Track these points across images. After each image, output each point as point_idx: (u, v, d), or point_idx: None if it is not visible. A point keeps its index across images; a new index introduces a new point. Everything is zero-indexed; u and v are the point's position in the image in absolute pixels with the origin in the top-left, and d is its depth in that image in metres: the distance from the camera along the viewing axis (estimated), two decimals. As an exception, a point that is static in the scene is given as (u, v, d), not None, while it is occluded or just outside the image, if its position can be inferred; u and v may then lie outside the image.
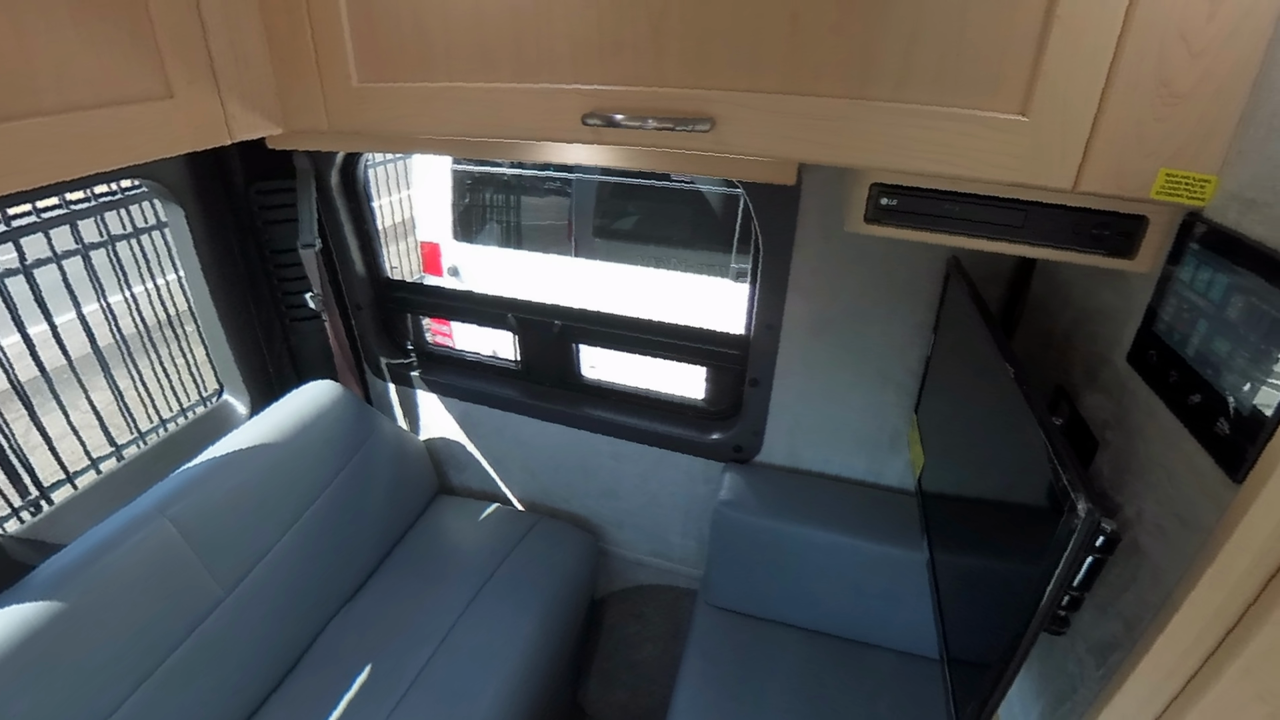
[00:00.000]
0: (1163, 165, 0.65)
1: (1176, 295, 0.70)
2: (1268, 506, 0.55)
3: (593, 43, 0.77)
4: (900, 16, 0.65)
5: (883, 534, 1.44)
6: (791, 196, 1.29)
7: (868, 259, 1.32)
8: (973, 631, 0.87)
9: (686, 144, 0.80)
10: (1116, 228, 0.73)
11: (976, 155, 0.70)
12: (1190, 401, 0.66)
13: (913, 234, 0.83)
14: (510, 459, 1.95)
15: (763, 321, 1.47)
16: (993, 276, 1.24)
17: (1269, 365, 0.56)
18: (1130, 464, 0.76)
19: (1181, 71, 0.61)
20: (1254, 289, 0.58)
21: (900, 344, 1.40)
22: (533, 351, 1.82)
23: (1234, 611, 0.61)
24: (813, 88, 0.72)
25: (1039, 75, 0.63)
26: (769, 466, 1.65)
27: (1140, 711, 0.70)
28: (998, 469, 0.89)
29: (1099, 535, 0.73)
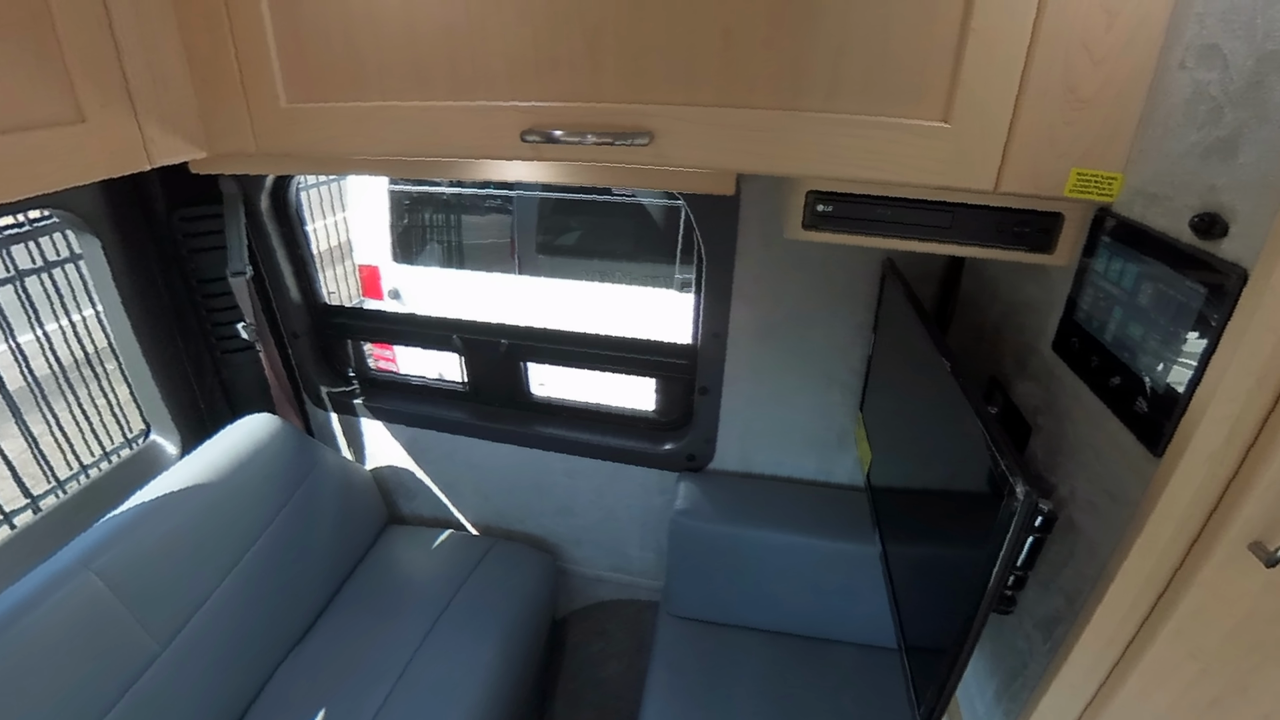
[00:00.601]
0: (1074, 165, 0.70)
1: (1093, 285, 0.75)
2: (1185, 477, 0.59)
3: (529, 60, 0.77)
4: (828, 30, 0.68)
5: (836, 531, 1.47)
6: (731, 206, 1.32)
7: (808, 264, 1.36)
8: (927, 618, 0.90)
9: (626, 158, 0.81)
10: (1036, 225, 0.78)
11: (904, 161, 0.73)
12: (1111, 384, 0.70)
13: (849, 238, 0.86)
14: (462, 483, 1.91)
15: (709, 330, 1.49)
16: (925, 276, 1.30)
17: (1178, 346, 0.60)
18: (1061, 446, 0.80)
19: (1086, 78, 0.66)
20: (1161, 276, 0.63)
21: (842, 345, 1.44)
22: (480, 372, 1.79)
23: (1163, 578, 0.65)
24: (748, 100, 0.74)
25: (958, 84, 0.67)
26: (723, 473, 1.67)
27: (1086, 680, 0.73)
28: (940, 459, 0.93)
29: (1037, 515, 0.77)
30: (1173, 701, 0.72)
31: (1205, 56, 0.59)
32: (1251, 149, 0.53)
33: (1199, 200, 0.58)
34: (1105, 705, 0.73)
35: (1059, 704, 0.76)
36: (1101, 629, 0.69)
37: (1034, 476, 0.83)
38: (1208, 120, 0.58)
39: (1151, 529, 0.62)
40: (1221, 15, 0.57)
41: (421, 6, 0.76)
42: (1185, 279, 0.59)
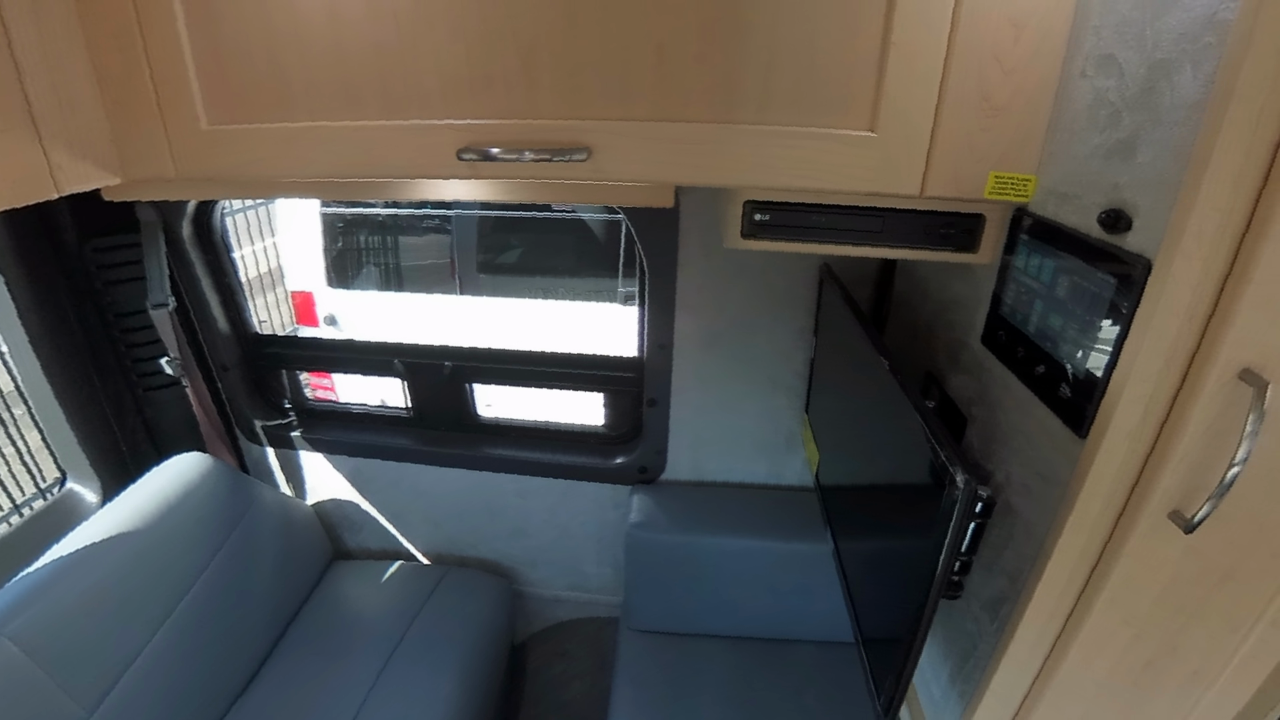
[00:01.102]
0: (991, 169, 0.75)
1: (1015, 281, 0.80)
2: (1108, 455, 0.63)
3: (462, 77, 0.77)
4: (757, 46, 0.70)
5: (790, 532, 1.50)
6: (671, 218, 1.34)
7: (748, 272, 1.39)
8: (881, 610, 0.93)
9: (565, 174, 0.81)
10: (960, 226, 0.82)
11: (835, 169, 0.76)
12: (1037, 372, 0.75)
13: (786, 245, 0.89)
14: (410, 511, 1.85)
15: (655, 342, 1.50)
16: (861, 279, 1.35)
17: (1094, 334, 0.65)
18: (995, 434, 0.84)
19: (998, 87, 0.71)
20: (1075, 269, 0.67)
21: (785, 349, 1.48)
22: (424, 396, 1.75)
23: (1094, 551, 0.69)
24: (683, 114, 0.76)
25: (882, 95, 0.71)
26: (675, 483, 1.68)
27: (1032, 655, 0.77)
28: (884, 455, 0.96)
29: (977, 502, 0.80)
30: (1111, 667, 0.76)
31: (1103, 65, 0.64)
32: (1148, 149, 0.58)
33: (1105, 198, 0.63)
34: (1051, 677, 0.77)
35: (1009, 680, 0.80)
36: (1043, 605, 0.73)
37: (972, 465, 0.87)
38: (1108, 124, 0.63)
39: (1081, 506, 0.66)
40: (1115, 27, 0.62)
41: (349, 25, 0.75)
42: (1097, 271, 0.64)
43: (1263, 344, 0.55)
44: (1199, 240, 0.53)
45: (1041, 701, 0.79)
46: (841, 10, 0.68)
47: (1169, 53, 0.55)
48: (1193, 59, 0.53)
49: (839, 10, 0.68)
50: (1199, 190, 0.51)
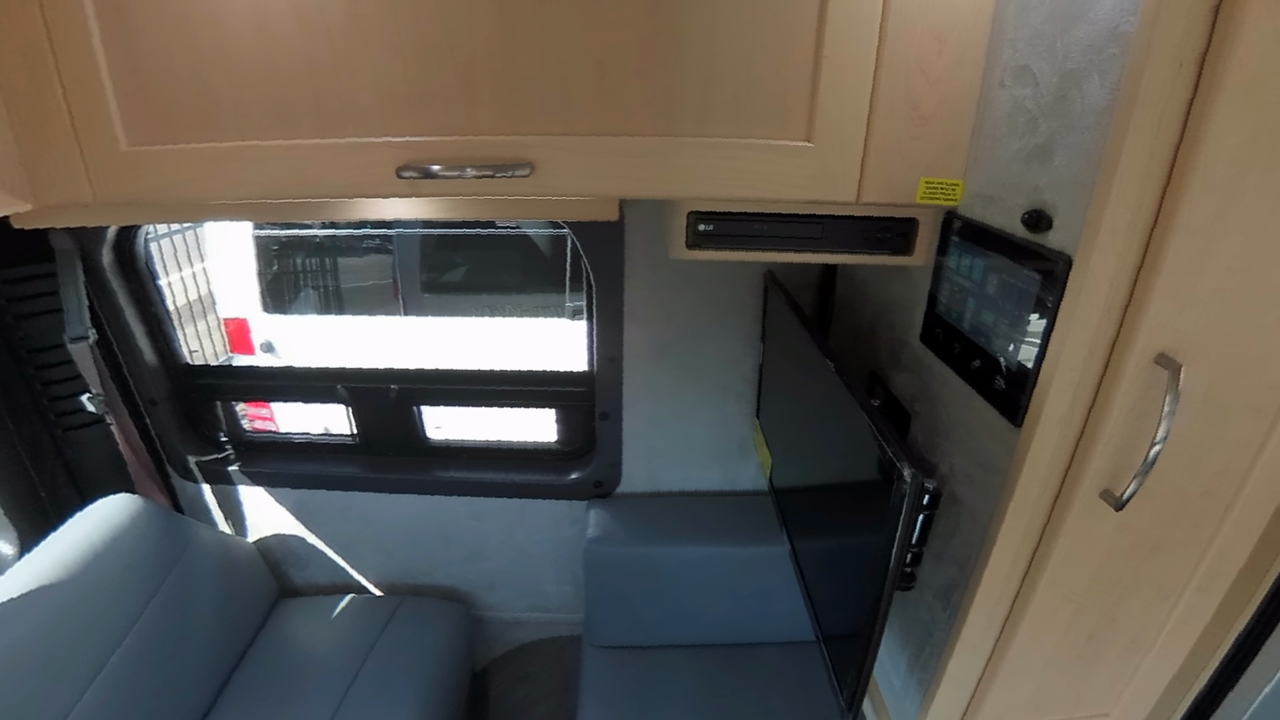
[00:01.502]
0: (922, 175, 0.78)
1: (949, 281, 0.83)
2: (1043, 442, 0.67)
3: (400, 94, 0.76)
4: (695, 60, 0.72)
5: (747, 537, 1.52)
6: (617, 231, 1.34)
7: (695, 282, 1.41)
8: (839, 607, 0.94)
9: (508, 190, 0.81)
10: (895, 230, 0.86)
11: (775, 179, 0.78)
12: (973, 367, 0.78)
13: (731, 254, 0.90)
14: (360, 542, 1.79)
15: (604, 355, 1.50)
16: (804, 284, 1.38)
17: (1024, 327, 0.68)
18: (938, 428, 0.88)
19: (925, 97, 0.74)
20: (1003, 268, 0.71)
21: (734, 357, 1.50)
22: (370, 421, 1.70)
23: (1035, 533, 0.72)
24: (625, 128, 0.77)
25: (817, 107, 0.74)
26: (631, 495, 1.68)
27: (983, 638, 0.80)
28: (834, 454, 0.98)
29: (925, 494, 0.84)
30: (1057, 643, 0.80)
31: (1020, 76, 0.68)
32: (1063, 153, 0.62)
33: (1027, 199, 0.67)
34: (1003, 658, 0.80)
35: (964, 664, 0.82)
36: (991, 589, 0.76)
37: (918, 459, 0.91)
38: (1026, 130, 0.67)
39: (1020, 492, 0.69)
40: (1029, 40, 0.66)
41: (280, 40, 0.73)
42: (1023, 269, 0.68)
43: (1175, 330, 0.60)
44: (1113, 236, 0.57)
45: (995, 682, 0.82)
46: (775, 25, 0.70)
47: (1078, 63, 0.59)
48: (1099, 69, 0.57)
49: (772, 25, 0.70)
50: (1110, 190, 0.55)
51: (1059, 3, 0.62)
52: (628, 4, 0.69)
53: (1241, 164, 0.53)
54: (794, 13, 0.70)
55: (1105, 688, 0.88)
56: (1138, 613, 0.79)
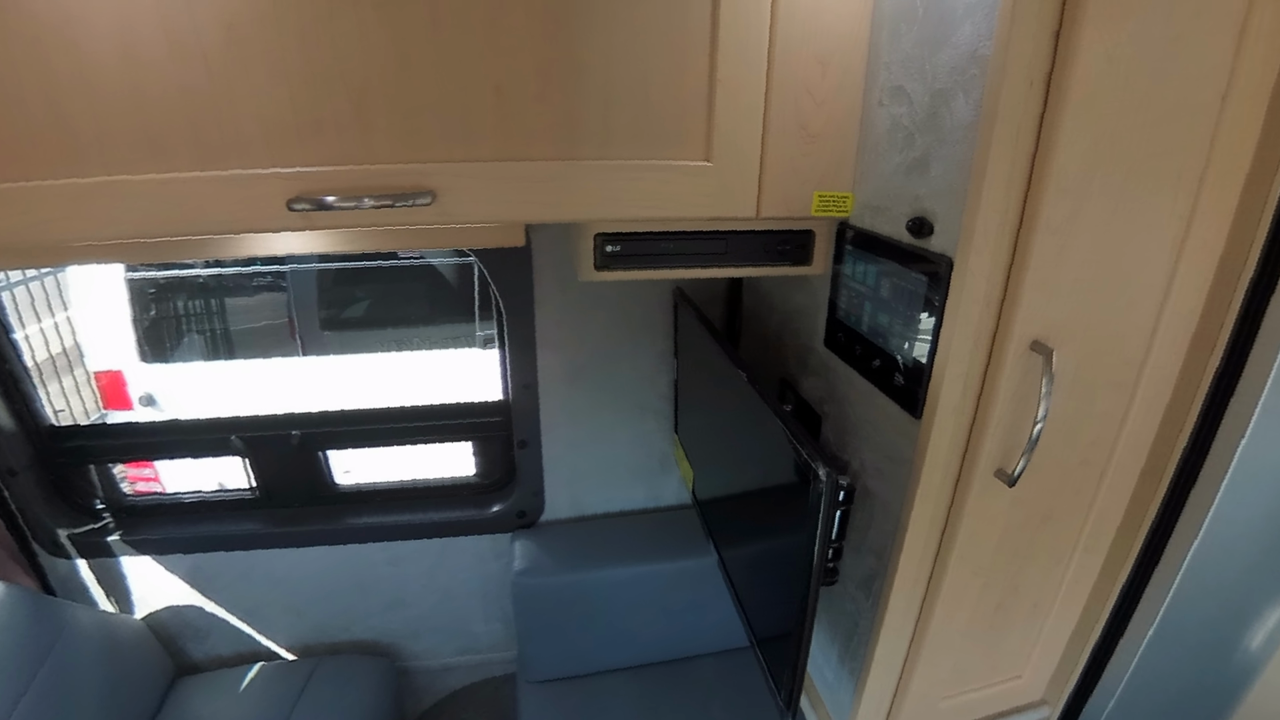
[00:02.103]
0: (815, 189, 0.83)
1: (846, 287, 0.89)
2: (940, 430, 0.72)
3: (288, 123, 0.72)
4: (594, 85, 0.73)
5: (675, 551, 1.53)
6: (524, 257, 1.34)
7: (605, 303, 1.42)
8: (770, 609, 0.97)
9: (409, 219, 0.78)
10: (794, 242, 0.90)
11: (678, 198, 0.81)
12: (874, 366, 0.83)
13: (640, 274, 0.92)
14: (267, 604, 1.65)
15: (519, 382, 1.48)
16: (712, 298, 1.42)
17: (916, 326, 0.74)
18: (846, 426, 0.92)
19: (813, 117, 0.79)
20: (893, 272, 0.77)
21: (649, 374, 1.52)
22: (271, 472, 1.58)
23: (941, 516, 0.77)
24: (527, 152, 0.77)
25: (714, 128, 0.77)
26: (556, 523, 1.65)
27: (905, 620, 0.84)
28: (752, 461, 1.01)
29: (840, 491, 0.88)
30: (970, 616, 0.85)
31: (895, 95, 0.74)
32: (938, 165, 0.67)
33: (909, 208, 0.73)
34: (924, 636, 0.85)
35: (889, 648, 0.86)
36: (907, 573, 0.80)
37: (831, 458, 0.95)
38: (904, 145, 0.73)
39: (925, 478, 0.74)
40: (902, 63, 0.72)
41: (149, 67, 0.67)
42: (911, 272, 0.73)
43: (1045, 319, 0.66)
44: (986, 238, 0.63)
45: (919, 660, 0.87)
46: (669, 51, 0.73)
47: (945, 83, 0.65)
48: (964, 88, 0.63)
49: (667, 50, 0.73)
50: (981, 196, 0.61)
51: (925, 29, 0.68)
52: (524, 30, 0.69)
53: (1087, 168, 0.61)
54: (687, 38, 0.73)
55: (1016, 652, 0.95)
56: (1036, 578, 0.86)
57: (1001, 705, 1.00)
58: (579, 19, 0.70)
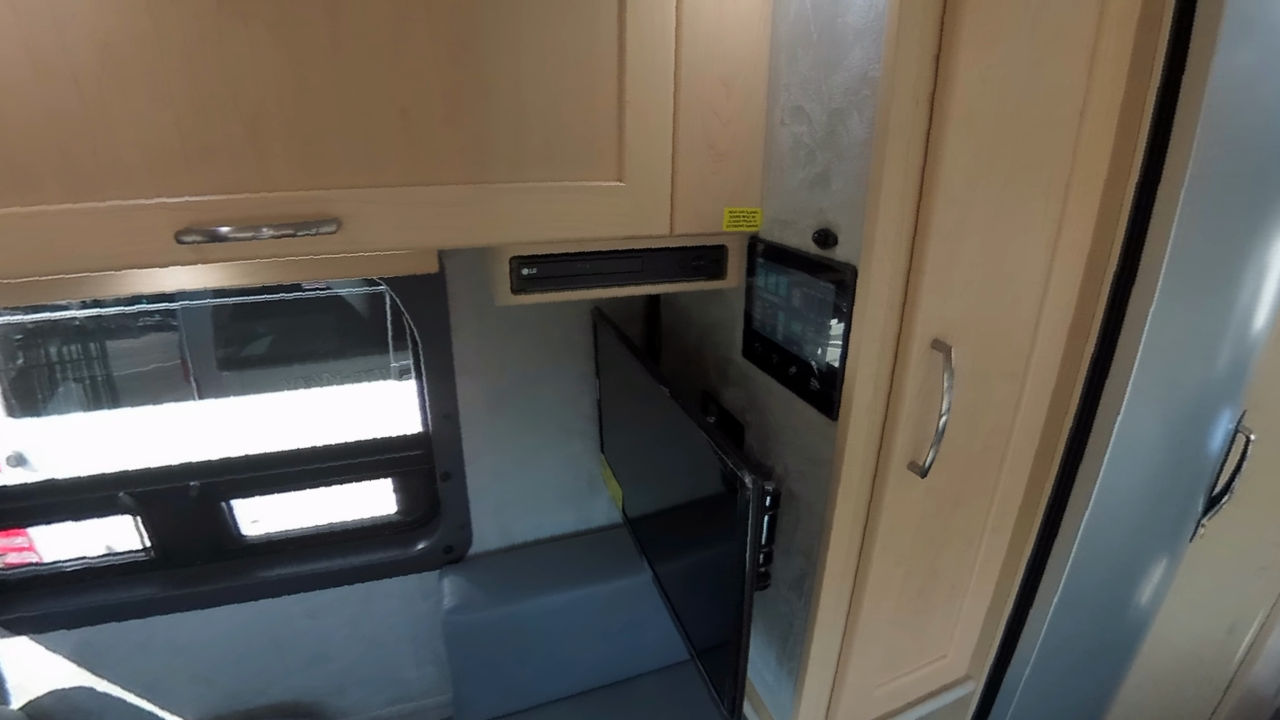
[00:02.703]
0: (725, 205, 0.86)
1: (760, 298, 0.92)
2: (856, 430, 0.75)
3: (174, 149, 0.68)
4: (504, 108, 0.73)
5: (610, 572, 1.52)
6: (438, 283, 1.30)
7: (524, 327, 1.41)
8: (706, 619, 0.98)
9: (314, 248, 0.75)
10: (708, 257, 0.93)
11: (593, 218, 0.82)
12: (790, 373, 0.86)
13: (557, 295, 0.92)
14: (170, 675, 1.51)
15: (439, 412, 1.44)
16: (631, 316, 1.44)
17: (827, 332, 0.77)
18: (768, 433, 0.95)
19: (720, 136, 0.83)
20: (803, 282, 0.80)
21: (572, 396, 1.51)
22: (167, 529, 1.45)
23: (863, 512, 0.81)
24: (436, 177, 0.75)
25: (625, 149, 0.78)
26: (485, 555, 1.61)
27: (836, 616, 0.87)
28: (679, 475, 1.02)
29: (766, 496, 0.90)
30: (895, 604, 0.90)
31: (796, 115, 0.78)
32: (839, 179, 0.71)
33: (814, 221, 0.76)
34: (855, 629, 0.88)
35: (824, 644, 0.89)
36: (835, 569, 0.83)
37: (755, 465, 0.98)
38: (806, 161, 0.77)
39: (845, 477, 0.77)
40: (800, 85, 0.76)
41: (10, 90, 0.61)
42: (820, 281, 0.77)
43: (942, 319, 0.71)
44: (886, 246, 0.67)
45: (853, 653, 0.90)
46: (578, 74, 0.74)
47: (841, 103, 0.70)
48: (857, 107, 0.67)
49: (576, 74, 0.74)
50: (879, 207, 0.65)
51: (820, 53, 0.72)
52: (429, 53, 0.68)
53: (971, 179, 0.66)
54: (595, 62, 0.74)
55: (939, 633, 1.00)
56: (952, 561, 0.92)
57: (931, 685, 1.05)
58: (485, 42, 0.70)
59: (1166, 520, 1.03)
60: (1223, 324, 0.88)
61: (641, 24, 0.74)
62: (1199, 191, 0.73)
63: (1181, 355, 0.85)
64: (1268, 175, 0.81)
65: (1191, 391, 0.90)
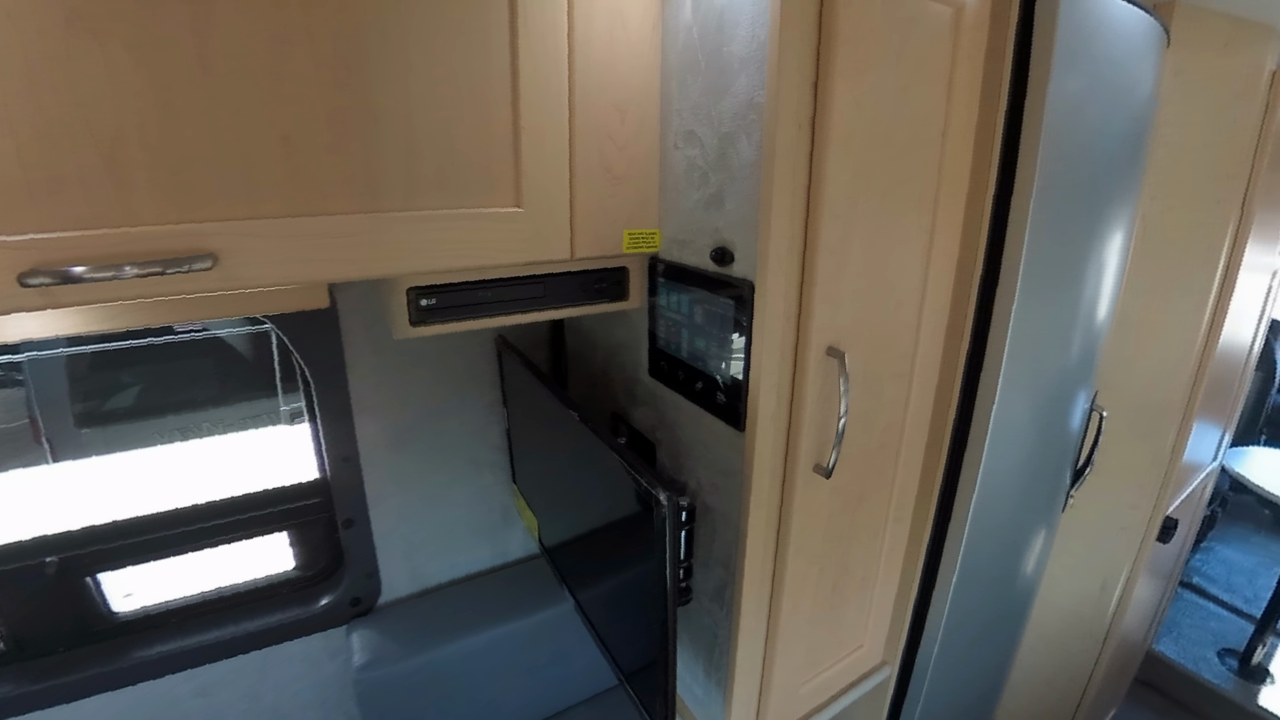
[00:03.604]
0: (624, 228, 0.88)
1: (663, 317, 0.94)
2: (763, 438, 0.78)
3: (15, 180, 0.60)
4: (394, 134, 0.71)
5: (530, 605, 1.47)
6: (330, 319, 1.24)
7: (425, 360, 1.36)
8: (632, 641, 0.97)
9: (186, 287, 0.69)
10: (610, 280, 0.94)
11: (491, 245, 0.81)
12: (697, 388, 0.89)
13: (459, 325, 0.90)
14: None
15: (337, 455, 1.35)
16: (536, 342, 1.42)
17: (729, 346, 0.80)
18: (679, 449, 0.97)
19: (616, 160, 0.84)
20: (704, 299, 0.83)
21: (480, 427, 1.47)
22: (20, 615, 1.27)
23: (774, 517, 0.84)
24: (324, 207, 0.72)
25: (522, 174, 0.78)
26: (397, 603, 1.52)
27: (758, 621, 0.89)
28: (595, 498, 1.02)
29: (682, 511, 0.92)
30: (813, 602, 0.93)
31: (688, 139, 0.81)
32: (732, 199, 0.75)
33: (711, 239, 0.79)
34: (776, 631, 0.90)
35: (749, 650, 0.91)
36: (753, 575, 0.85)
37: (669, 481, 0.98)
38: (700, 183, 0.80)
39: (756, 484, 0.80)
40: (691, 110, 0.80)
41: None
42: (719, 297, 0.79)
43: (835, 327, 0.76)
44: (779, 261, 0.71)
45: (777, 655, 0.92)
46: (471, 99, 0.73)
47: (730, 127, 0.73)
48: (746, 131, 0.71)
49: (469, 99, 0.73)
50: (770, 225, 0.69)
51: (709, 80, 0.76)
52: (311, 77, 0.66)
53: (852, 196, 0.71)
54: (488, 88, 0.74)
55: (854, 624, 1.04)
56: (861, 555, 0.97)
57: (851, 675, 1.10)
58: (372, 67, 0.68)
59: (1041, 495, 1.14)
60: (1074, 316, 0.99)
61: (534, 51, 0.74)
62: (1045, 201, 0.83)
63: (1042, 346, 0.95)
64: (1099, 185, 0.93)
65: (1053, 378, 1.01)
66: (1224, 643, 2.74)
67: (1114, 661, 1.81)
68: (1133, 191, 1.07)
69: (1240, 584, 3.19)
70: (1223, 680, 2.52)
